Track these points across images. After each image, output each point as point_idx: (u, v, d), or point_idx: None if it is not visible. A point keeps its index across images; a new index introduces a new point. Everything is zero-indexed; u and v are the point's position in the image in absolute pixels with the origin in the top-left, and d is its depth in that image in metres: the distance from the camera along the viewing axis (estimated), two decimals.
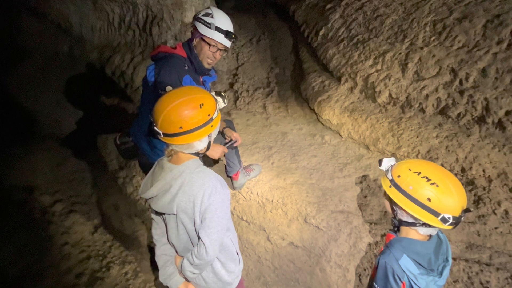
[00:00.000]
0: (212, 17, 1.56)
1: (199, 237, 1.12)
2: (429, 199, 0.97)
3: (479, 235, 1.69)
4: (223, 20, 1.58)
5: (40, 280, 2.20)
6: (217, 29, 1.56)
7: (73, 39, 4.72)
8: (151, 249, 2.56)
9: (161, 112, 1.03)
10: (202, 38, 1.59)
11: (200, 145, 1.12)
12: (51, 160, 3.71)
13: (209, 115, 1.07)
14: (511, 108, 1.84)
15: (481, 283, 1.49)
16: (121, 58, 4.00)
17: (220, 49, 1.63)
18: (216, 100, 1.14)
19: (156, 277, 2.30)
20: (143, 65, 3.66)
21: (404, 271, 1.01)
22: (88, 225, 2.69)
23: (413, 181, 1.00)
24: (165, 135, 1.05)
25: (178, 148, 1.11)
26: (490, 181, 1.84)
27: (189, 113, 1.03)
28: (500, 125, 1.90)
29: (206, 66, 1.68)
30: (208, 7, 1.63)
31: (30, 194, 3.04)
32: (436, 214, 0.96)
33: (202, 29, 1.56)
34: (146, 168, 1.87)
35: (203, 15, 1.57)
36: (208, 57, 1.64)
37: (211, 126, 1.09)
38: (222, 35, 1.57)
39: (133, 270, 2.30)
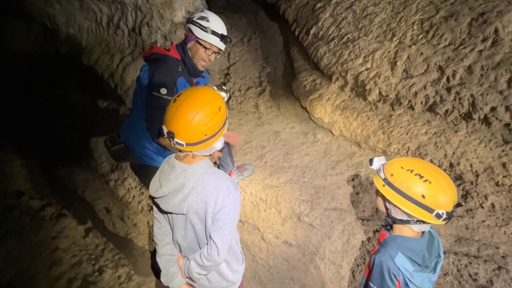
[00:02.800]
0: (207, 20, 1.59)
1: (210, 238, 1.12)
2: (423, 196, 0.98)
3: (467, 228, 1.73)
4: (218, 24, 1.63)
5: (31, 286, 2.15)
6: (213, 32, 1.60)
7: (60, 40, 4.62)
8: (145, 252, 2.54)
9: (184, 125, 1.02)
10: (198, 41, 1.62)
11: (219, 144, 1.13)
12: (39, 164, 3.63)
13: (226, 116, 1.10)
14: (496, 104, 1.89)
15: (470, 275, 1.53)
16: (110, 59, 3.93)
17: (214, 52, 1.67)
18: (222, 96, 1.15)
19: (150, 280, 2.29)
20: (133, 66, 3.61)
21: (399, 269, 1.02)
22: (79, 229, 2.65)
23: (406, 179, 1.00)
24: (189, 144, 1.05)
25: (200, 153, 1.10)
26: (477, 175, 1.89)
27: (212, 121, 1.04)
28: (485, 120, 1.94)
29: (201, 68, 1.72)
30: (202, 11, 1.66)
31: (19, 199, 2.98)
32: (430, 210, 0.98)
33: (198, 32, 1.59)
34: (137, 169, 1.84)
35: (198, 19, 1.60)
36: (203, 60, 1.68)
37: (226, 123, 1.12)
38: (218, 39, 1.62)
39: (126, 273, 2.28)
